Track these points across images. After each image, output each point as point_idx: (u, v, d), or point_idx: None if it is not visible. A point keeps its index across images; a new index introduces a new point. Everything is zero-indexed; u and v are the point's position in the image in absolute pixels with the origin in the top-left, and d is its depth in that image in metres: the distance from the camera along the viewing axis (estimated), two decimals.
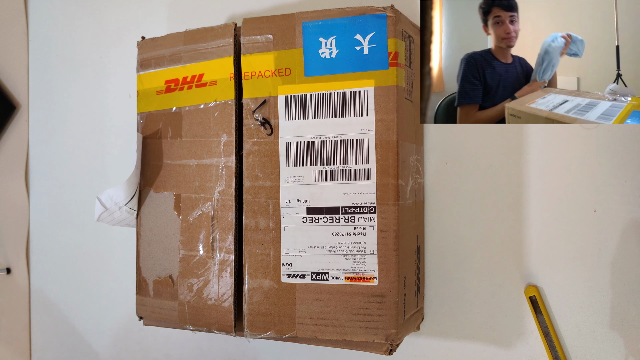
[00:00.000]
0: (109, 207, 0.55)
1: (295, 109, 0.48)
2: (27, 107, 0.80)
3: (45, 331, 0.79)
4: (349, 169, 0.46)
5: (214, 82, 0.51)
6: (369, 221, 0.45)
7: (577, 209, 0.50)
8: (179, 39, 0.54)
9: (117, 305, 0.73)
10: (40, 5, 0.79)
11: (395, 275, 0.45)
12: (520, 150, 0.52)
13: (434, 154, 0.55)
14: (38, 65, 0.79)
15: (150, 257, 0.55)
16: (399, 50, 0.45)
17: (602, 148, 0.49)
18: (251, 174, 0.49)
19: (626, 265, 0.48)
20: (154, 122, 0.55)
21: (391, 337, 0.45)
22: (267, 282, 0.48)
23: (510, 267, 0.52)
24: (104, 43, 0.74)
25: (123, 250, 0.72)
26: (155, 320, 0.55)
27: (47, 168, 0.78)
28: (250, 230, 0.49)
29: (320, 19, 0.47)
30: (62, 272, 0.77)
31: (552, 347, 0.50)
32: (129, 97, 0.72)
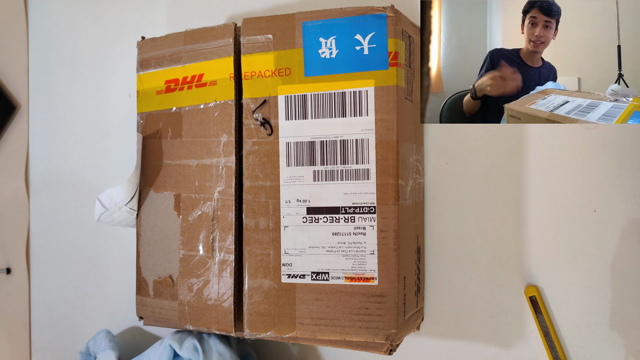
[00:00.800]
0: (109, 207, 0.55)
1: (295, 109, 0.48)
2: (27, 107, 0.80)
3: (45, 331, 0.79)
4: (349, 169, 0.46)
5: (214, 82, 0.51)
6: (369, 221, 0.45)
7: (577, 208, 0.50)
8: (179, 39, 0.53)
9: (117, 305, 0.73)
10: (40, 5, 0.79)
11: (395, 275, 0.45)
12: (520, 150, 0.52)
13: (434, 154, 0.55)
14: (38, 65, 0.79)
15: (150, 257, 0.55)
16: (399, 50, 0.45)
17: (602, 148, 0.49)
18: (251, 174, 0.49)
19: (626, 265, 0.48)
20: (154, 122, 0.55)
21: (391, 337, 0.45)
22: (267, 282, 0.48)
23: (510, 267, 0.52)
24: (104, 43, 0.74)
25: (123, 250, 0.72)
26: (155, 320, 0.55)
27: (47, 168, 0.78)
28: (250, 230, 0.49)
29: (320, 19, 0.47)
30: (62, 272, 0.77)
31: (552, 347, 0.50)
32: (129, 97, 0.72)
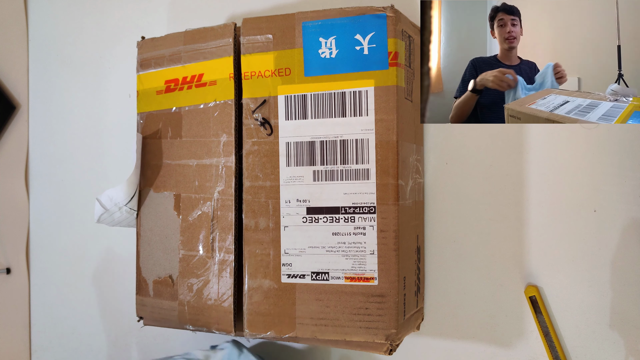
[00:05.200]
0: (108, 208, 0.55)
1: (295, 109, 0.48)
2: (27, 107, 0.80)
3: (45, 331, 0.79)
4: (349, 169, 0.46)
5: (214, 82, 0.51)
6: (369, 221, 0.45)
7: (577, 208, 0.50)
8: (178, 39, 0.53)
9: (117, 305, 0.73)
10: (40, 5, 0.79)
11: (395, 275, 0.45)
12: (520, 150, 0.52)
13: (434, 154, 0.55)
14: (38, 65, 0.79)
15: (150, 257, 0.55)
16: (399, 50, 0.45)
17: (602, 148, 0.49)
18: (251, 174, 0.49)
19: (626, 265, 0.48)
20: (154, 122, 0.55)
21: (391, 337, 0.45)
22: (267, 282, 0.48)
23: (510, 267, 0.52)
24: (104, 43, 0.74)
25: (123, 250, 0.72)
26: (155, 320, 0.55)
27: (47, 168, 0.78)
28: (250, 230, 0.49)
29: (320, 19, 0.47)
30: (62, 272, 0.77)
31: (552, 347, 0.50)
32: (129, 97, 0.72)
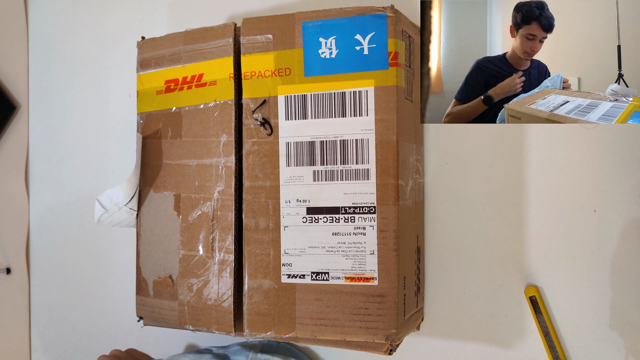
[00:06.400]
0: (108, 208, 0.55)
1: (295, 109, 0.48)
2: (27, 107, 0.80)
3: (45, 331, 0.79)
4: (349, 169, 0.46)
5: (214, 82, 0.51)
6: (369, 221, 0.45)
7: (577, 208, 0.50)
8: (178, 39, 0.53)
9: (117, 305, 0.73)
10: (40, 5, 0.79)
11: (395, 275, 0.45)
12: (520, 150, 0.52)
13: (434, 154, 0.55)
14: (38, 65, 0.79)
15: (150, 257, 0.55)
16: (399, 50, 0.45)
17: (602, 148, 0.49)
18: (251, 174, 0.49)
19: (626, 265, 0.48)
20: (154, 122, 0.55)
21: (391, 337, 0.45)
22: (267, 282, 0.48)
23: (510, 267, 0.52)
24: (104, 43, 0.74)
25: (123, 250, 0.72)
26: (155, 320, 0.55)
27: (47, 168, 0.78)
28: (250, 230, 0.49)
29: (320, 19, 0.47)
30: (62, 272, 0.77)
31: (552, 347, 0.50)
32: (129, 97, 0.72)
